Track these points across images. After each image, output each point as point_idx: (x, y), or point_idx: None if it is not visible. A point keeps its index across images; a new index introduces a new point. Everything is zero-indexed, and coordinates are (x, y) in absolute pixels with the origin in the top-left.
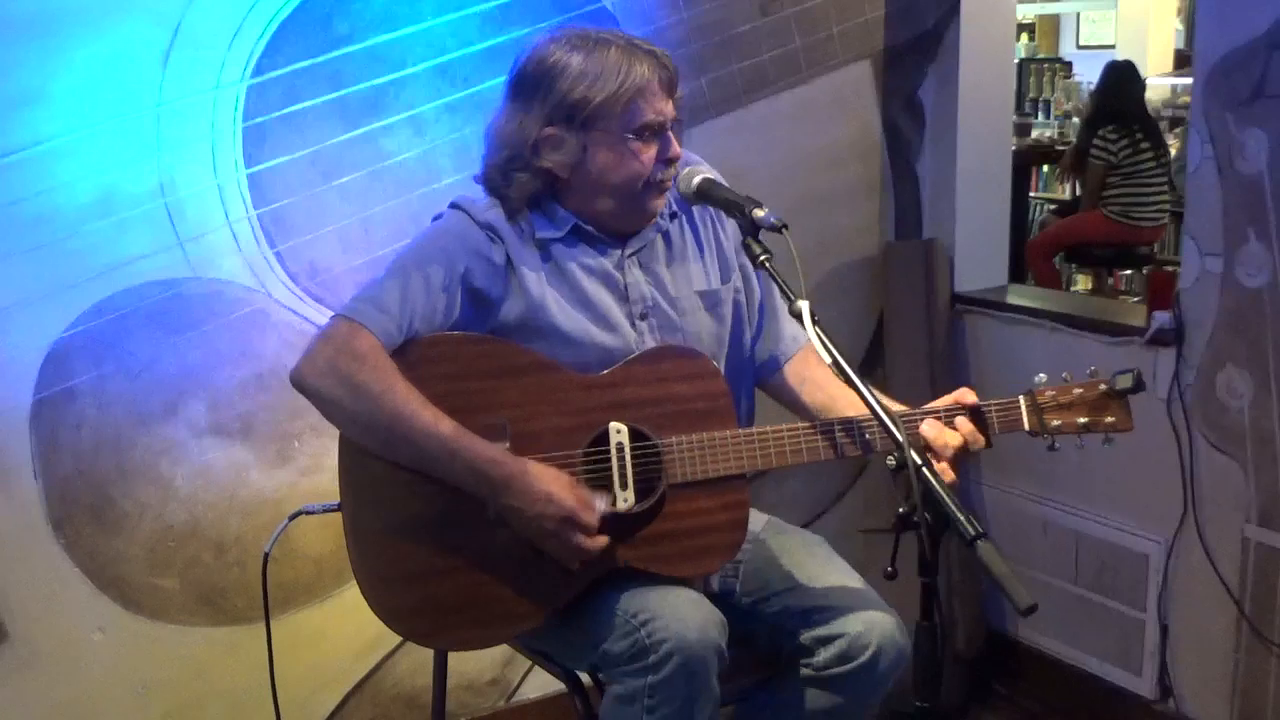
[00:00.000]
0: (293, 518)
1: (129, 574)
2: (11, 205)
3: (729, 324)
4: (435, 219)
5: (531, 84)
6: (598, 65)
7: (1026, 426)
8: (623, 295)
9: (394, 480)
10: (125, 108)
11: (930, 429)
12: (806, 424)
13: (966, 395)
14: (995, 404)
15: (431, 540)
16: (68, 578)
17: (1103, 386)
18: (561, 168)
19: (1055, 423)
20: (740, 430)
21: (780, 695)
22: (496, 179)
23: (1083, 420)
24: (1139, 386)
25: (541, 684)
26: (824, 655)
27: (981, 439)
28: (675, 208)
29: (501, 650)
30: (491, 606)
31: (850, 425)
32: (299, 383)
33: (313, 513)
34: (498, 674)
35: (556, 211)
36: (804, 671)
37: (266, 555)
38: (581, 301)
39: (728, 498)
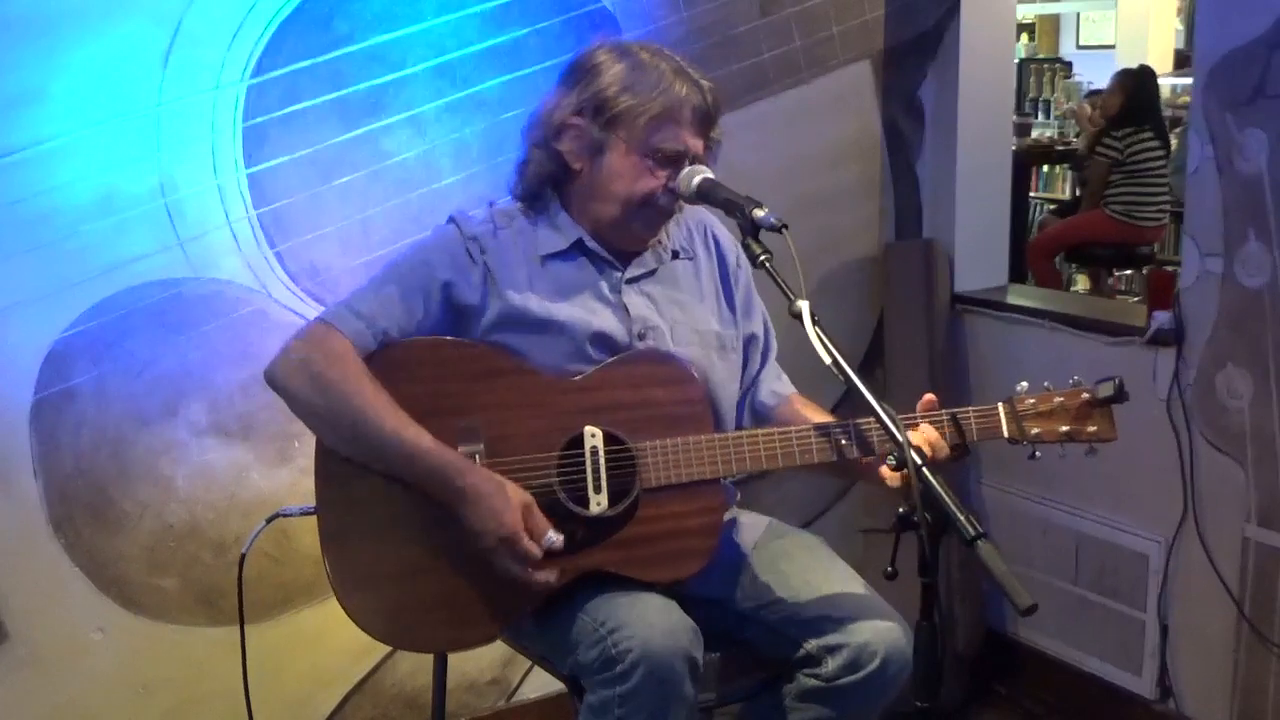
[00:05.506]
0: (270, 520)
1: (129, 574)
2: (11, 205)
3: (739, 366)
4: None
5: (577, 72)
6: (641, 74)
7: (1005, 434)
8: (622, 312)
9: (368, 481)
10: (125, 108)
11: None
12: (782, 430)
13: (931, 401)
14: (974, 410)
15: (405, 542)
16: (68, 578)
17: (1085, 395)
18: (573, 157)
19: (1035, 431)
20: (715, 435)
21: (784, 701)
22: (523, 156)
23: (1064, 429)
24: (1121, 395)
25: (541, 684)
26: (832, 665)
27: (944, 448)
28: (686, 250)
29: (501, 650)
30: (464, 609)
31: (827, 430)
32: (271, 379)
33: (290, 515)
34: (498, 674)
35: (563, 220)
36: (812, 682)
37: (243, 557)
38: (575, 292)
39: (702, 502)
